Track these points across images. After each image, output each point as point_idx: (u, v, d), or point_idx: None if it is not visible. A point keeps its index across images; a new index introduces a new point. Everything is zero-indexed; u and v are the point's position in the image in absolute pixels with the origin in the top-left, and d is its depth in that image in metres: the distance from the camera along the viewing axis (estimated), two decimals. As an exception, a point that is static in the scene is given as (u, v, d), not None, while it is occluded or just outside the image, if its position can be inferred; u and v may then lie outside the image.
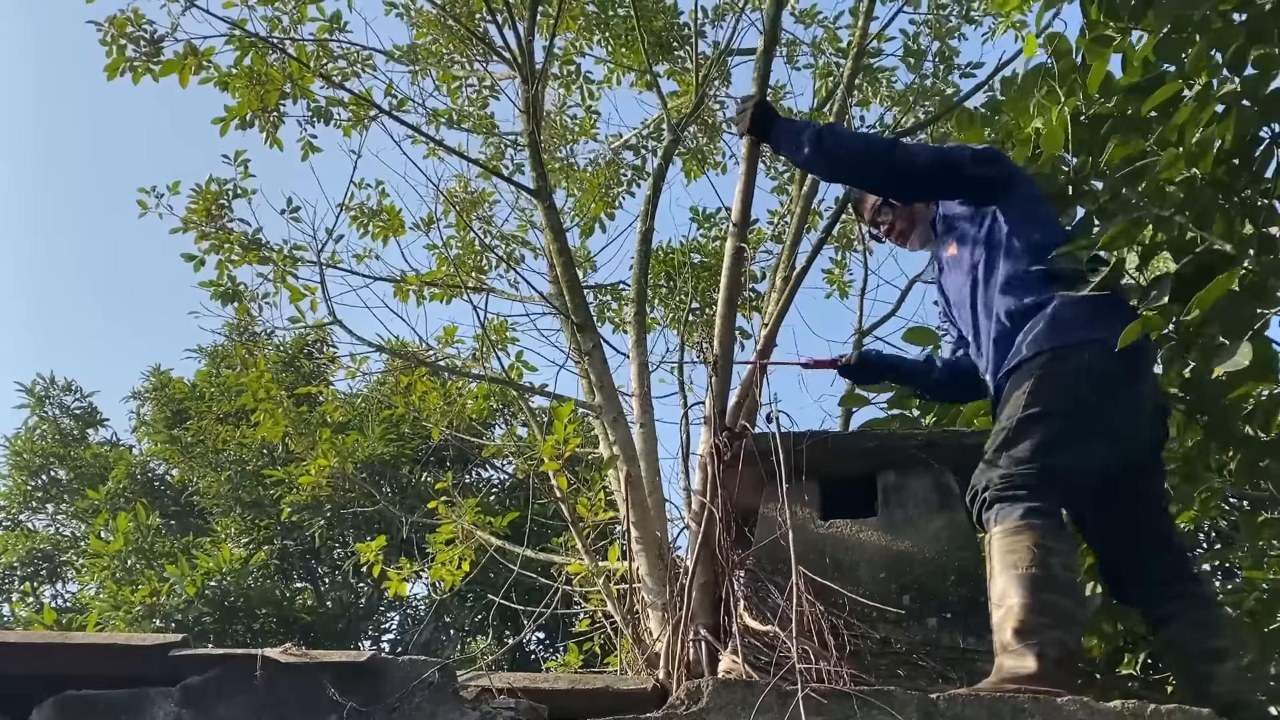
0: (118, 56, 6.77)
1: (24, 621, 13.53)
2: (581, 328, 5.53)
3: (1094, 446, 2.95)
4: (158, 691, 2.57)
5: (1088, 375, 2.97)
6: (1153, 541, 3.12)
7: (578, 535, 5.29)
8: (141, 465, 16.50)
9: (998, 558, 2.76)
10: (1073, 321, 3.02)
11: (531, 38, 6.53)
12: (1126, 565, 3.14)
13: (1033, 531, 2.75)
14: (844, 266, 8.65)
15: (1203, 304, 2.96)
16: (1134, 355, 2.99)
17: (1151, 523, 3.15)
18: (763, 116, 3.53)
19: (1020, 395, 2.97)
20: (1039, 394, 2.94)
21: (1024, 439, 2.90)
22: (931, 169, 3.35)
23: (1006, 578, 2.72)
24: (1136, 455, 3.11)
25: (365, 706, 2.53)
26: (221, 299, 7.41)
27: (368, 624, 14.72)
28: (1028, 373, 2.99)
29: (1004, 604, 2.70)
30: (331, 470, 8.20)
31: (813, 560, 3.12)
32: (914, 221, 3.61)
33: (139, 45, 6.78)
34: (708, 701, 2.43)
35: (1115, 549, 3.17)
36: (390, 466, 13.51)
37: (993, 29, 7.87)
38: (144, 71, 6.81)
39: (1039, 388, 2.95)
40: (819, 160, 3.40)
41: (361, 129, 7.49)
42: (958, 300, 3.40)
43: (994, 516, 2.83)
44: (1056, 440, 2.90)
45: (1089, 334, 2.99)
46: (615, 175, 8.69)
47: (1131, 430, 3.07)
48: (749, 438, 3.42)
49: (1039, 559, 2.70)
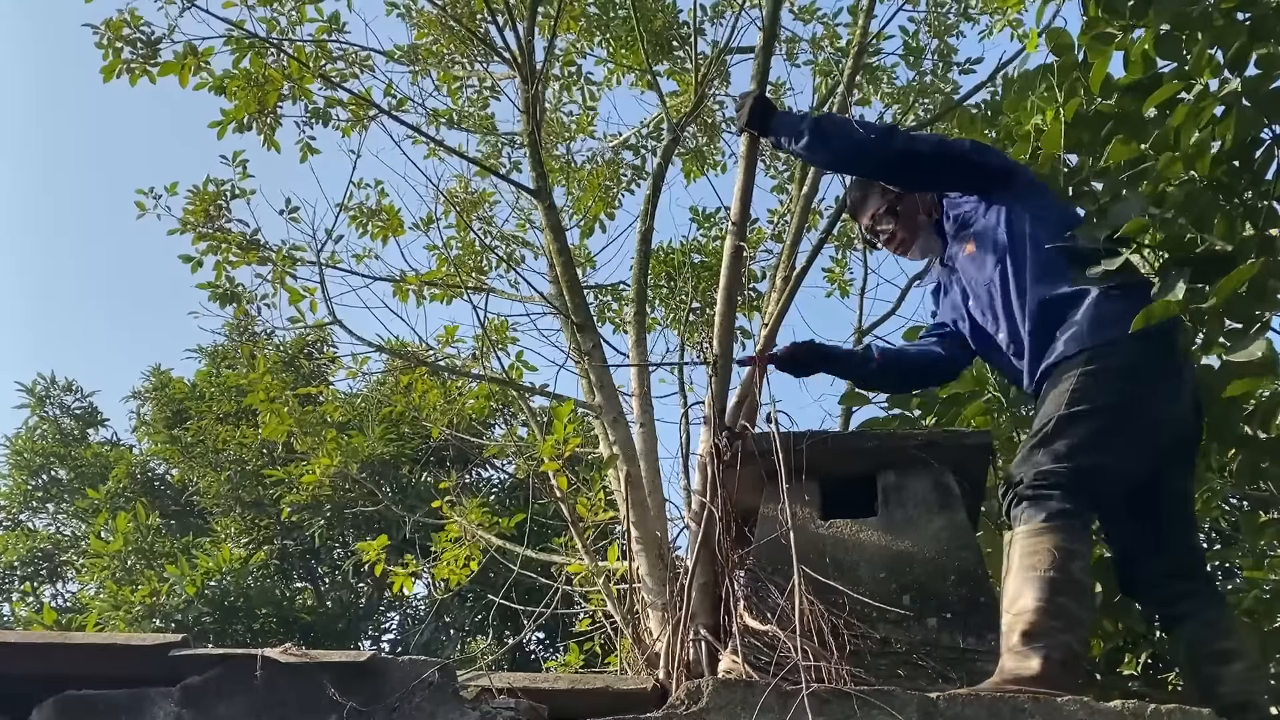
0: (114, 59, 6.76)
1: (24, 621, 13.54)
2: (581, 328, 5.53)
3: (1132, 447, 2.94)
4: (158, 691, 2.57)
5: (1130, 373, 2.95)
6: (1173, 539, 3.11)
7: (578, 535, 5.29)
8: (141, 465, 16.50)
9: (1017, 557, 2.75)
10: (1113, 317, 2.99)
11: (531, 37, 6.53)
12: (1144, 561, 3.13)
13: (1056, 534, 2.73)
14: (844, 265, 8.66)
15: (1222, 293, 2.96)
16: (1173, 351, 3.00)
17: (1175, 521, 3.14)
18: (762, 111, 3.49)
19: (1062, 393, 2.95)
20: (1082, 392, 2.92)
21: (1062, 436, 2.88)
22: (933, 154, 3.35)
23: (1023, 578, 2.70)
24: (1171, 452, 3.10)
25: (365, 706, 2.52)
26: (220, 300, 7.40)
27: (368, 624, 14.72)
28: (1069, 370, 2.98)
29: (1016, 604, 2.69)
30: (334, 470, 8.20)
31: (813, 560, 3.11)
32: (914, 229, 3.56)
33: (136, 47, 6.77)
34: (708, 701, 2.43)
35: (1135, 544, 3.16)
36: (390, 466, 13.51)
37: (990, 26, 7.88)
38: (141, 73, 6.80)
39: (1081, 386, 2.93)
40: (819, 148, 3.36)
41: (361, 129, 7.49)
42: (980, 299, 3.35)
43: (1021, 514, 2.82)
44: (1095, 440, 2.88)
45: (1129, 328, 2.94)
46: (615, 174, 8.69)
47: (1170, 427, 3.06)
48: (749, 437, 3.42)
49: (1059, 562, 2.68)
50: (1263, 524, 4.08)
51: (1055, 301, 3.10)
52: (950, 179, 3.39)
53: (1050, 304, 3.10)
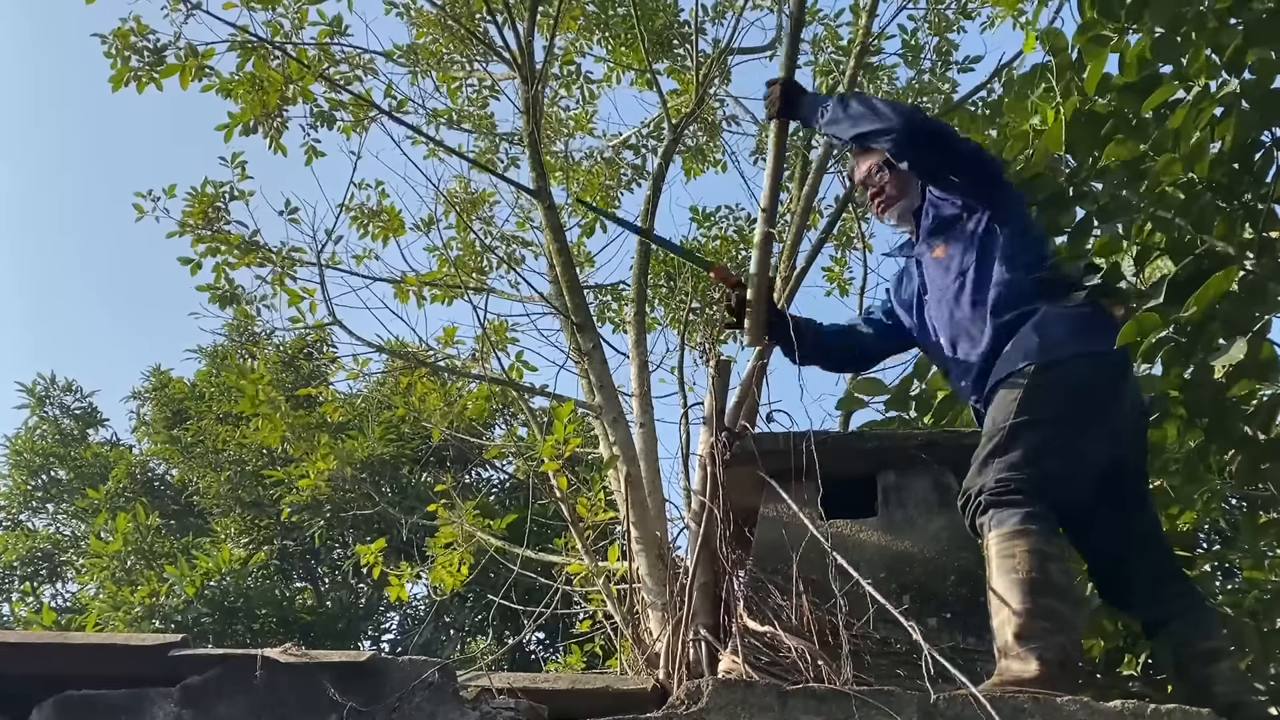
0: (122, 68, 6.79)
1: (23, 621, 13.52)
2: (581, 327, 5.52)
3: (1084, 452, 2.99)
4: (158, 692, 2.56)
5: (1075, 386, 3.01)
6: (1141, 542, 3.15)
7: (578, 535, 5.29)
8: (141, 465, 16.51)
9: (995, 562, 2.77)
10: (1060, 336, 3.06)
11: (531, 37, 6.53)
12: (1117, 567, 3.16)
13: (1029, 536, 2.76)
14: (844, 264, 8.65)
15: (1200, 301, 2.98)
16: (1118, 365, 3.08)
17: (1139, 523, 3.18)
18: (791, 95, 3.55)
19: (1010, 404, 2.99)
20: (1029, 402, 2.97)
21: (1016, 446, 2.92)
22: (948, 135, 3.42)
23: (1005, 582, 2.73)
24: (1122, 457, 3.14)
25: (365, 706, 2.52)
26: (220, 302, 7.41)
27: (367, 624, 14.71)
28: (1017, 382, 3.02)
29: (1003, 609, 2.71)
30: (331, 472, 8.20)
31: (813, 560, 3.11)
32: (903, 192, 3.56)
33: (143, 56, 6.79)
34: (708, 701, 2.43)
35: (1105, 552, 3.19)
36: (390, 467, 13.50)
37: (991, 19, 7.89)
38: (148, 81, 6.83)
39: (1029, 397, 2.98)
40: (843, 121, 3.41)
41: (361, 130, 7.49)
42: (936, 300, 3.40)
43: (989, 521, 2.84)
44: (1048, 446, 2.93)
45: (1078, 347, 3.04)
46: (615, 174, 8.69)
47: (1118, 434, 3.10)
48: (749, 437, 3.42)
49: (1037, 564, 2.71)
50: (1263, 524, 4.08)
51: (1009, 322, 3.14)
52: (956, 165, 3.39)
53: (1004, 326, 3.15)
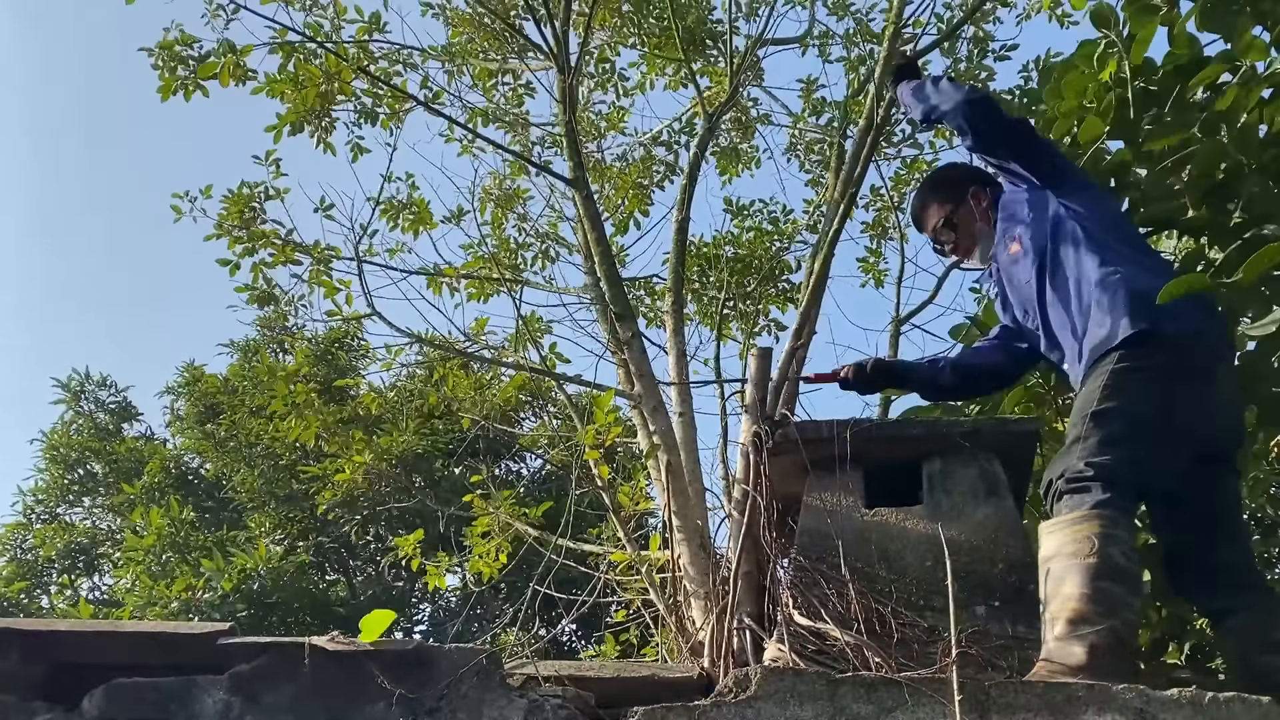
0: (169, 78, 6.86)
1: (61, 614, 13.64)
2: (621, 317, 5.50)
3: (1167, 441, 2.96)
4: (206, 679, 2.57)
5: (1164, 369, 2.97)
6: (1222, 534, 3.09)
7: (620, 524, 5.28)
8: (176, 459, 16.62)
9: (1059, 547, 2.75)
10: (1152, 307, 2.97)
11: (566, 28, 6.53)
12: (1192, 556, 3.10)
13: (1095, 521, 2.74)
14: (879, 255, 8.59)
15: (1251, 271, 2.94)
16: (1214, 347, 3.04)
17: (1222, 516, 3.12)
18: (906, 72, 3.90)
19: (1095, 390, 2.97)
20: (1114, 389, 2.95)
21: (1096, 433, 2.90)
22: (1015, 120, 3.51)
23: (1065, 566, 2.71)
24: (1212, 447, 3.10)
25: (413, 694, 2.53)
26: (257, 302, 7.48)
27: (400, 617, 14.76)
28: (1106, 365, 3.00)
29: (1060, 592, 2.69)
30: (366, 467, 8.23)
31: (858, 548, 3.10)
32: (974, 240, 3.66)
33: (188, 65, 6.87)
34: (756, 689, 2.42)
35: (1183, 539, 3.13)
36: (424, 460, 13.53)
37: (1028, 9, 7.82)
38: (194, 89, 6.92)
39: (1115, 382, 2.96)
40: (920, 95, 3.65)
41: (398, 122, 7.52)
42: (1023, 295, 3.42)
43: (1061, 509, 2.84)
44: (1129, 435, 2.90)
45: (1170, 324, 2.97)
46: (648, 170, 8.67)
47: (1207, 423, 3.06)
48: (791, 425, 3.41)
49: (1099, 548, 2.69)
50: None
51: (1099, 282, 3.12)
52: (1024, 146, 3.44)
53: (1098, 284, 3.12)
